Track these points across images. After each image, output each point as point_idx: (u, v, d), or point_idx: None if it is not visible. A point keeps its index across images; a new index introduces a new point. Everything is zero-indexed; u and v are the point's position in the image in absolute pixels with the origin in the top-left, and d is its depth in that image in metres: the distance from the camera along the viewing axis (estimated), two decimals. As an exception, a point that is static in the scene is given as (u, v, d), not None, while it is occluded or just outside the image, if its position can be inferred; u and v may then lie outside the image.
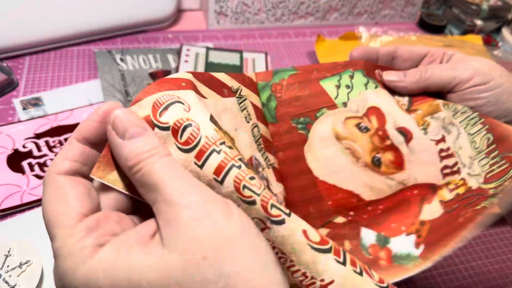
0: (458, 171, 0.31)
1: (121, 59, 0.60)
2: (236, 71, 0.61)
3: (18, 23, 0.56)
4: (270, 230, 0.21)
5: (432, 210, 0.30)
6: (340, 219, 0.31)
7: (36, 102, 0.52)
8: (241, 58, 0.64)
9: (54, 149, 0.47)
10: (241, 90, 0.28)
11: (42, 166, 0.45)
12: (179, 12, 0.73)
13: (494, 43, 0.77)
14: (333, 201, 0.30)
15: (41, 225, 0.18)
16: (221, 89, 0.26)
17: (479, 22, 0.77)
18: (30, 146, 0.46)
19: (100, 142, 0.21)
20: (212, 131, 0.21)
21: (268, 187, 0.26)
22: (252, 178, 0.20)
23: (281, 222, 0.20)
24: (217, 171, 0.20)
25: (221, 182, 0.20)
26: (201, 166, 0.20)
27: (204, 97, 0.24)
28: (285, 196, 0.29)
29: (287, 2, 0.71)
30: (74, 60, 0.60)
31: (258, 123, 0.29)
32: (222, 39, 0.69)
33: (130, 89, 0.55)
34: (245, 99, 0.28)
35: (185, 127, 0.20)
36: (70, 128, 0.49)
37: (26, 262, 0.35)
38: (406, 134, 0.31)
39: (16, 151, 0.46)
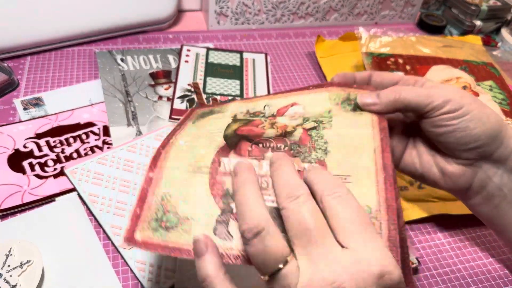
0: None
1: (122, 59, 0.60)
2: (236, 71, 0.61)
3: (19, 23, 0.56)
4: None
5: None
6: None
7: (36, 102, 0.52)
8: (241, 58, 0.64)
9: (55, 149, 0.47)
10: None
11: (42, 166, 0.45)
12: (179, 12, 0.74)
13: (493, 44, 0.77)
14: None
15: (42, 224, 0.19)
16: None
17: (478, 23, 0.77)
18: (31, 146, 0.46)
19: None
20: None
21: None
22: None
23: None
24: None
25: None
26: None
27: None
28: None
29: (287, 2, 0.71)
30: (75, 60, 0.60)
31: None
32: (222, 40, 0.69)
33: (131, 89, 0.56)
34: None
35: None
36: (71, 128, 0.49)
37: (26, 262, 0.35)
38: None
39: (17, 151, 0.46)
